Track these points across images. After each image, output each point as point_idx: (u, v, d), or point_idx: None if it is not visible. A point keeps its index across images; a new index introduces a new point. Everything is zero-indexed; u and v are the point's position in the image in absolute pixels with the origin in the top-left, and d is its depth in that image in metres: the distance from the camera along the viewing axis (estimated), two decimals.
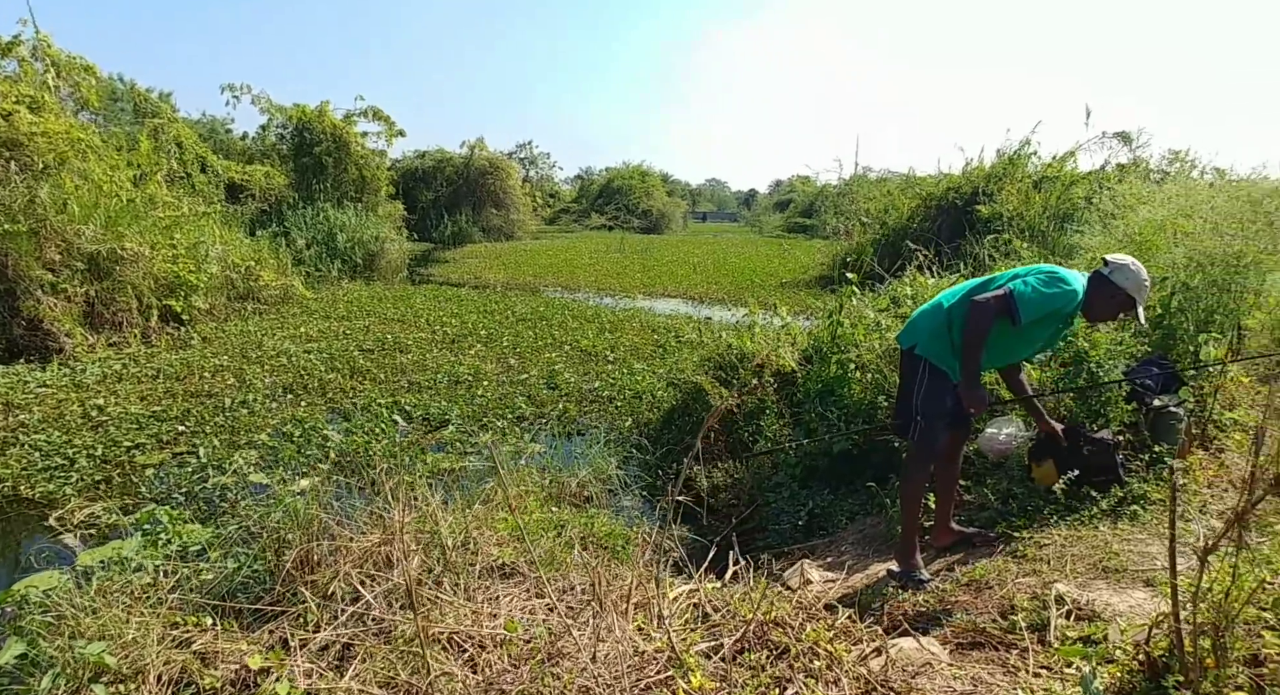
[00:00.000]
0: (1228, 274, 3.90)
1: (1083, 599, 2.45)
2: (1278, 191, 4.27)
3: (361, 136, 19.47)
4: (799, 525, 4.18)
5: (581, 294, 14.77)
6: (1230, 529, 1.44)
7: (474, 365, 7.98)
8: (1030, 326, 2.82)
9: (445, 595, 2.63)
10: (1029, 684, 1.99)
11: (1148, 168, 13.29)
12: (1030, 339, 2.98)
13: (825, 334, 4.74)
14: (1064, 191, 11.26)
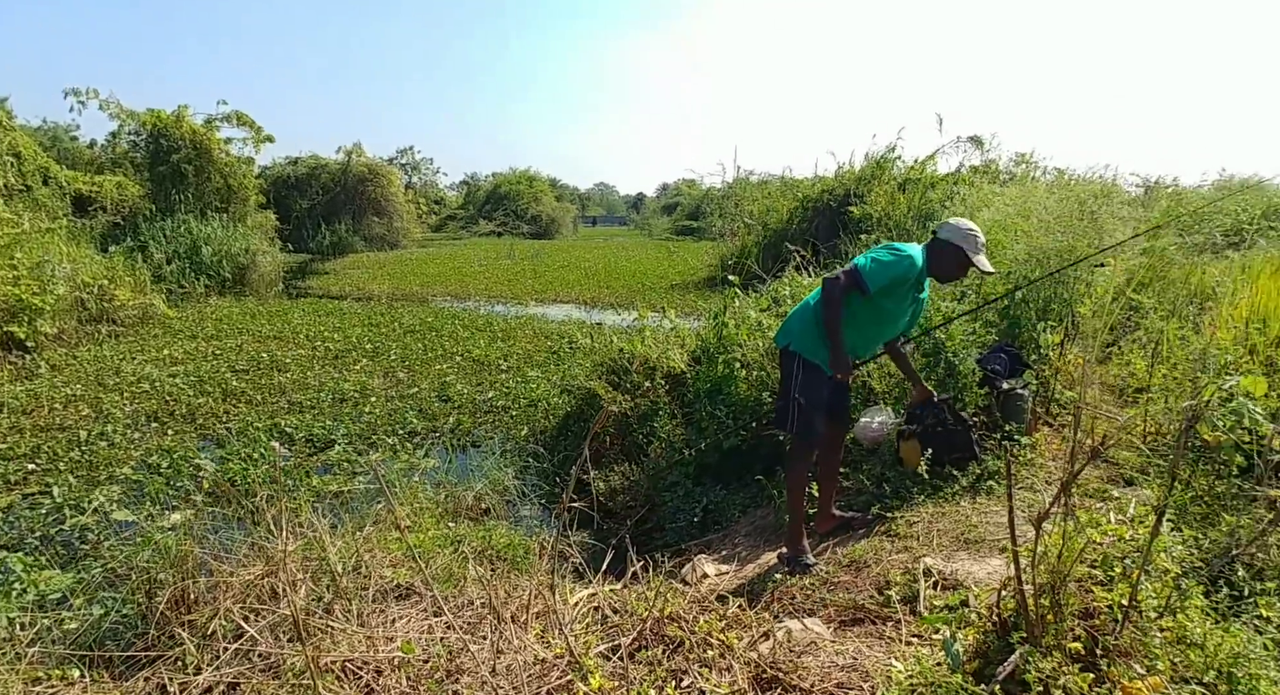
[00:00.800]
0: (1059, 265, 4.34)
1: (947, 570, 2.67)
2: (1101, 192, 4.80)
3: (225, 143, 18.28)
4: (695, 522, 4.31)
5: (472, 302, 14.49)
6: (1058, 498, 1.63)
7: (360, 381, 7.68)
8: (882, 298, 3.04)
9: (337, 623, 2.54)
10: (902, 652, 2.16)
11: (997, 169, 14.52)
12: (890, 313, 3.15)
13: (712, 335, 4.91)
14: (925, 193, 12.13)
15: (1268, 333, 4.01)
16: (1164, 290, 5.48)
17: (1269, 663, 1.87)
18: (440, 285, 16.78)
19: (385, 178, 30.33)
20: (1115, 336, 5.18)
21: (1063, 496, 1.62)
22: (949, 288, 4.75)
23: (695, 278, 16.77)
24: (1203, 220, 9.51)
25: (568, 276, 18.11)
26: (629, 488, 4.76)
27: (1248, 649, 1.82)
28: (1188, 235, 7.87)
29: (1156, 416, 3.64)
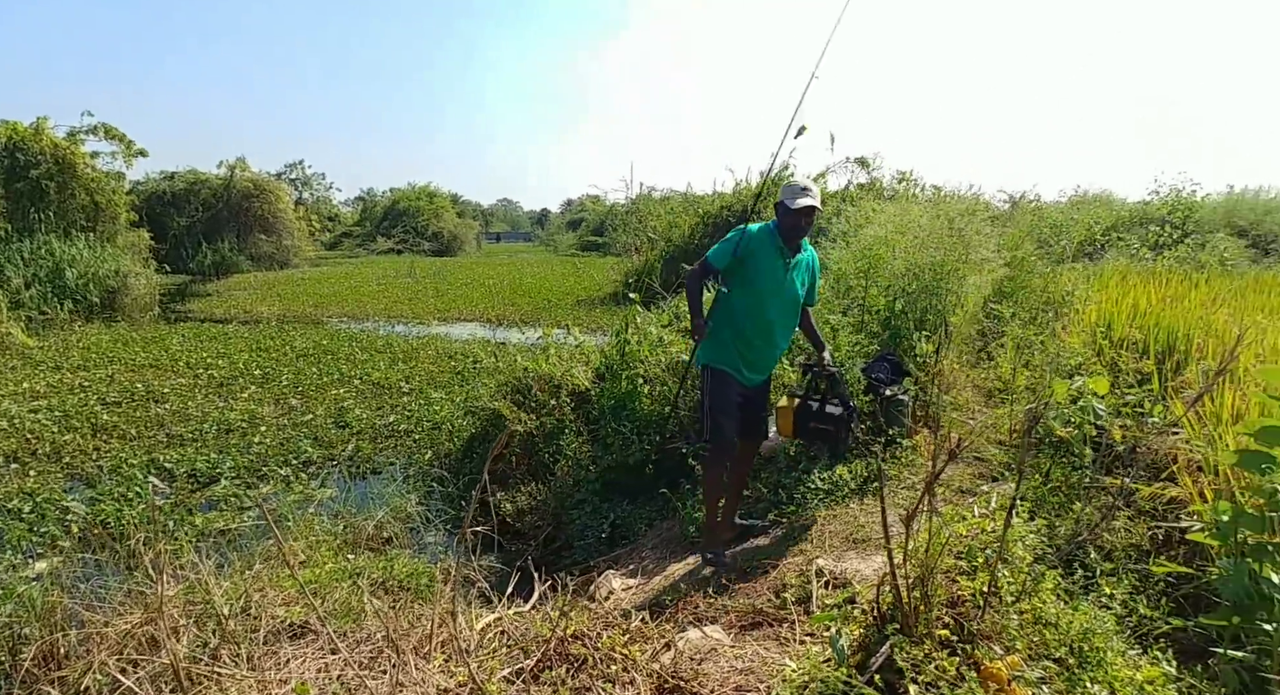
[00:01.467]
0: (935, 280, 4.68)
1: (838, 569, 2.82)
2: (967, 210, 5.21)
3: (91, 157, 16.98)
4: (603, 538, 4.34)
5: (370, 323, 14.02)
6: (923, 497, 1.77)
7: (248, 410, 7.29)
8: (743, 277, 3.18)
9: (225, 669, 2.41)
10: (796, 652, 2.27)
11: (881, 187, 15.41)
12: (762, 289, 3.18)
13: (614, 352, 4.98)
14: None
15: (1112, 336, 4.47)
16: (1026, 298, 5.99)
17: (1115, 635, 2.09)
18: (336, 306, 16.15)
19: (272, 193, 28.97)
20: (987, 342, 5.62)
21: (927, 496, 1.76)
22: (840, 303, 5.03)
23: (601, 293, 16.87)
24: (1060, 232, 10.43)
25: (471, 294, 17.83)
26: (536, 507, 4.75)
27: (1095, 625, 2.03)
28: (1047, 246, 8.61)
29: (1019, 416, 3.97)
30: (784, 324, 3.32)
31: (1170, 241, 10.95)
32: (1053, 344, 4.21)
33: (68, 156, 16.06)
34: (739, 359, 3.28)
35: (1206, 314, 5.03)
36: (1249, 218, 12.21)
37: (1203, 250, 9.94)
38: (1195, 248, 10.23)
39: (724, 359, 3.29)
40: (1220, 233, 11.21)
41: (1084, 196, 15.90)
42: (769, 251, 3.17)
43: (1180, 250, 10.22)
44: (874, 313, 4.70)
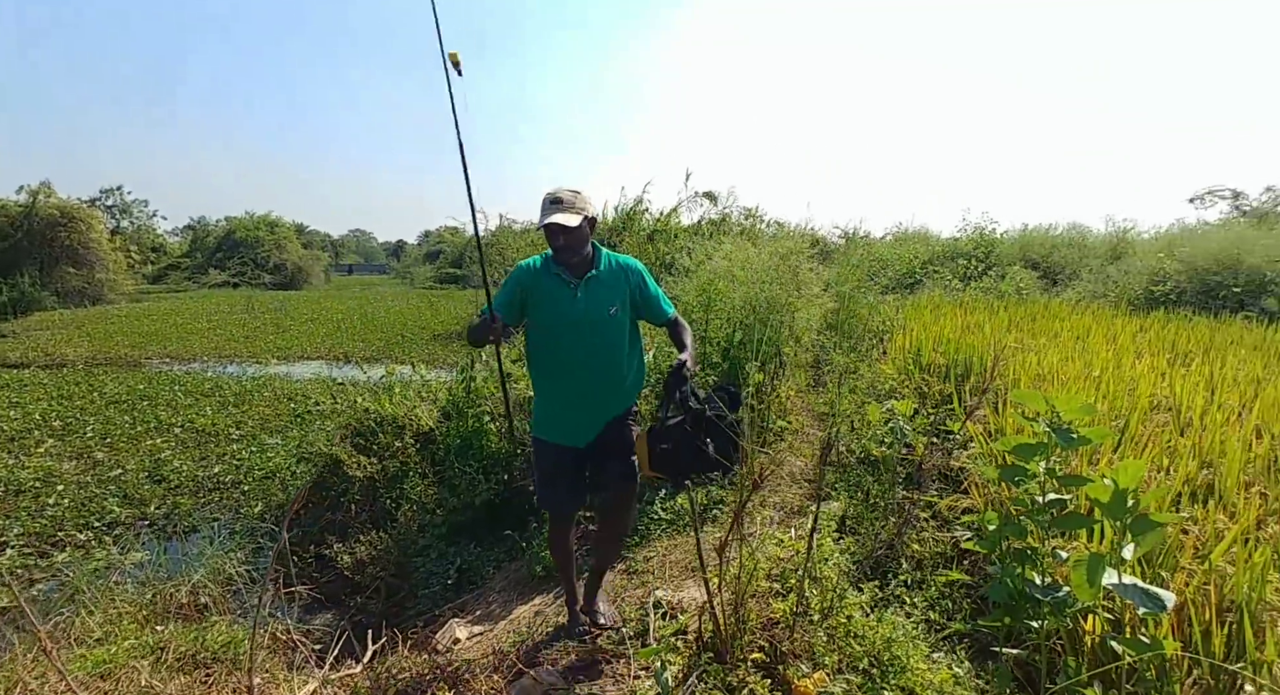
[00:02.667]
0: (769, 313, 4.97)
1: (675, 599, 2.89)
2: (796, 249, 5.59)
3: None
4: (449, 584, 4.18)
5: (198, 364, 12.85)
6: (733, 527, 1.86)
7: (43, 466, 6.44)
8: (530, 312, 2.74)
9: None
10: (632, 688, 2.29)
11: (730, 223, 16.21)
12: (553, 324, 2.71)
13: (460, 389, 4.87)
14: (671, 243, 13.18)
15: (921, 361, 4.93)
16: (853, 328, 6.50)
17: (918, 642, 2.27)
18: (158, 345, 14.67)
19: (83, 222, 26.07)
20: (821, 370, 6.02)
21: (736, 525, 1.85)
22: None
23: (458, 327, 16.47)
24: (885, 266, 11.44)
25: (317, 330, 16.83)
26: (378, 558, 4.50)
27: (896, 633, 2.20)
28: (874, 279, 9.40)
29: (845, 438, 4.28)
30: (602, 356, 2.71)
31: (976, 273, 12.31)
32: (870, 371, 4.59)
33: None
34: (558, 417, 2.78)
35: (1001, 339, 5.69)
36: (1040, 252, 13.94)
37: (1003, 281, 11.24)
38: (996, 279, 11.55)
39: (543, 423, 2.83)
40: (1017, 265, 12.72)
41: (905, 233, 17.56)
42: (549, 281, 2.69)
43: (984, 281, 11.50)
44: (715, 344, 4.91)
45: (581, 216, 2.58)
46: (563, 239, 2.60)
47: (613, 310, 2.70)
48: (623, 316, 2.74)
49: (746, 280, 5.32)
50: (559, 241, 2.61)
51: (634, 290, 2.78)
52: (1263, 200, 19.52)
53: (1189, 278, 10.17)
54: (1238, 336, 6.52)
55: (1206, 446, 3.03)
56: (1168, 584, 2.04)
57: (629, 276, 2.80)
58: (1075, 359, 5.05)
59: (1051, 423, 1.84)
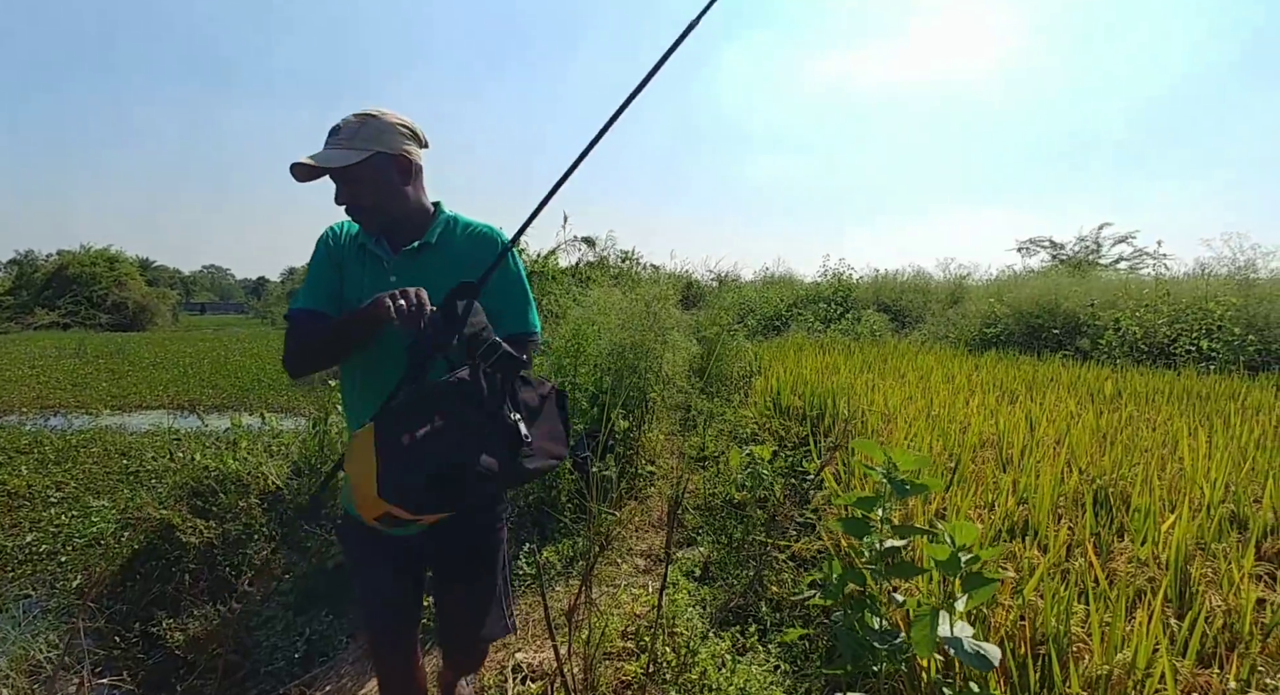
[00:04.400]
0: (635, 358, 5.04)
1: (536, 661, 2.79)
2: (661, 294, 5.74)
3: None
4: (296, 658, 3.85)
5: (15, 416, 11.37)
6: (580, 591, 1.84)
7: None
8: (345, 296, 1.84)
9: None
10: None
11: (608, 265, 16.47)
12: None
13: (313, 442, 4.58)
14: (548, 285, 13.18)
15: (780, 403, 5.15)
16: (721, 370, 6.71)
17: (774, 689, 2.31)
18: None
19: None
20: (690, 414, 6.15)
21: (584, 590, 1.83)
22: None
23: (326, 373, 15.57)
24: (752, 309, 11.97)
25: (160, 376, 15.38)
26: (215, 633, 4.08)
27: (750, 685, 2.23)
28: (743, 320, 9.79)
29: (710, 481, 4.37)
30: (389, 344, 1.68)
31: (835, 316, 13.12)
32: (733, 415, 4.73)
33: None
34: None
35: (853, 380, 6.05)
36: (890, 296, 15.09)
37: (858, 323, 12.04)
38: (853, 321, 12.37)
39: (350, 498, 1.81)
40: (871, 308, 13.68)
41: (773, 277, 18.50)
42: (356, 255, 1.79)
43: (843, 323, 12.27)
44: (584, 390, 4.91)
45: (367, 153, 1.64)
46: (345, 194, 1.70)
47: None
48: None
49: (613, 326, 5.38)
50: (342, 196, 1.72)
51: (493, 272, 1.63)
52: (1075, 250, 22.18)
53: (1016, 320, 11.30)
54: (1056, 374, 7.28)
55: (1024, 483, 3.33)
56: (990, 619, 2.19)
57: (483, 252, 1.75)
58: (918, 398, 5.45)
59: (888, 473, 1.96)
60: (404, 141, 1.74)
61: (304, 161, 1.62)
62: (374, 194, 1.71)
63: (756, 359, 6.22)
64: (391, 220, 1.76)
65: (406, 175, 1.75)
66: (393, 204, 1.74)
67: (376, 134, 1.69)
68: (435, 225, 1.80)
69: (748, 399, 5.46)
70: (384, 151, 1.69)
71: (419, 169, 1.79)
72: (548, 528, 3.97)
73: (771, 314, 13.23)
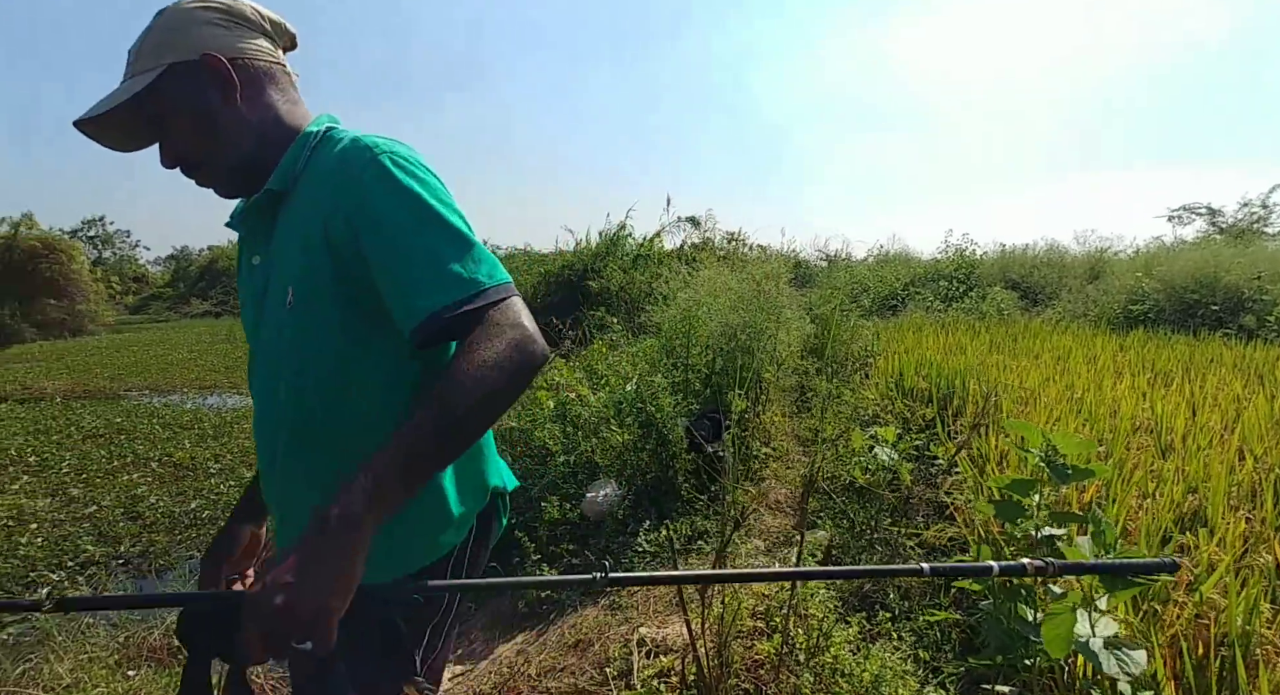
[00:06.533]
0: (748, 339, 4.97)
1: (660, 636, 2.82)
2: (772, 273, 5.61)
3: None
4: None
5: (178, 396, 12.66)
6: (716, 565, 1.82)
7: (15, 504, 6.28)
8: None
9: None
10: None
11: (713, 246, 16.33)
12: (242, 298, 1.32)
13: None
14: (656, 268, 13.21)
15: (902, 385, 4.93)
16: (836, 352, 6.51)
17: (908, 678, 2.22)
18: (137, 377, 14.47)
19: (64, 253, 25.84)
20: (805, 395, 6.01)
21: (718, 564, 1.81)
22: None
23: None
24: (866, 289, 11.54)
25: None
26: None
27: (884, 671, 2.15)
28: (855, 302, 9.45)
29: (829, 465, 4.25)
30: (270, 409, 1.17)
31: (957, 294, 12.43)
32: (853, 396, 4.57)
33: None
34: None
35: (983, 360, 5.71)
36: (1019, 272, 14.10)
37: (983, 302, 11.35)
38: (978, 300, 11.67)
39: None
40: (997, 286, 12.85)
41: (887, 255, 17.73)
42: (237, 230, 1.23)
43: (966, 302, 11.61)
44: (695, 371, 4.89)
45: (155, 71, 1.03)
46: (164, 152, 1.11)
47: (290, 290, 1.06)
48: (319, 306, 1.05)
49: (725, 307, 5.32)
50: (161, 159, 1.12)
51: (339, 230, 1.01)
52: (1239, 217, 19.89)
53: (1167, 296, 10.30)
54: (1217, 355, 6.58)
55: (1191, 471, 3.03)
56: (1161, 617, 2.01)
57: (338, 196, 1.02)
58: (1057, 380, 5.07)
59: (1047, 456, 1.82)
60: (213, 34, 1.05)
61: (83, 117, 1.05)
62: (190, 136, 1.07)
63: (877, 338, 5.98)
64: (241, 171, 1.11)
65: (228, 87, 1.05)
66: (225, 142, 1.08)
67: (165, 37, 1.04)
68: (289, 158, 1.09)
69: (868, 380, 5.26)
70: (179, 61, 1.03)
71: (263, 75, 1.10)
72: (665, 507, 3.99)
73: (886, 293, 12.70)
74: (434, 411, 0.85)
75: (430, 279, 0.94)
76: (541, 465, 4.22)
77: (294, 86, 1.17)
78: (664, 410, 4.08)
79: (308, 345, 1.07)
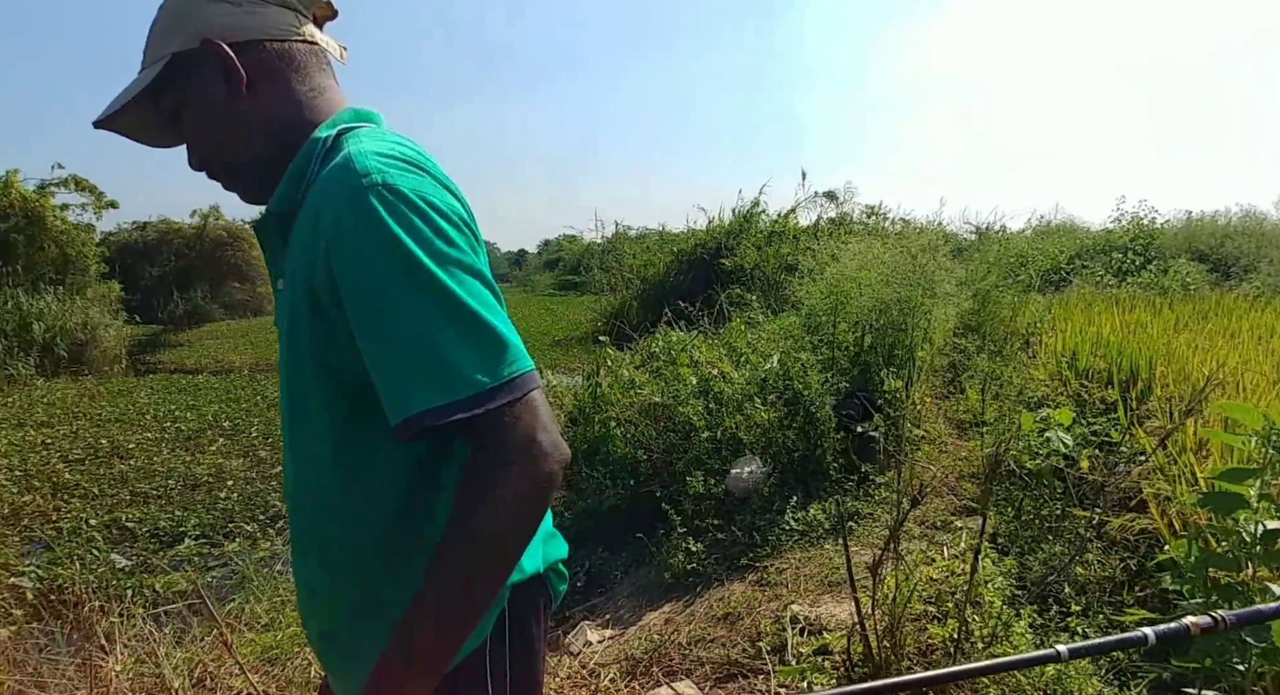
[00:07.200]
0: (901, 315, 4.73)
1: (813, 615, 2.77)
2: (928, 245, 5.29)
3: (61, 210, 16.80)
4: (579, 586, 4.25)
5: None
6: (888, 545, 1.75)
7: (215, 463, 7.13)
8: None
9: None
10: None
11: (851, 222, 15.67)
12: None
13: (586, 396, 4.94)
14: (791, 245, 12.87)
15: (1076, 365, 4.52)
16: (994, 330, 6.07)
17: (1091, 678, 2.06)
18: None
19: (247, 241, 28.85)
20: (957, 374, 5.67)
21: (892, 544, 1.74)
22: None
23: (578, 333, 16.86)
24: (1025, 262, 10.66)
25: None
26: None
27: (1067, 668, 2.00)
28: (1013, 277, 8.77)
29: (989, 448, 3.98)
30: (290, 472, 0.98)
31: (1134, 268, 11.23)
32: (1018, 376, 4.25)
33: (36, 210, 15.88)
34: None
35: (1169, 340, 5.12)
36: (1208, 242, 12.53)
37: (1165, 275, 10.18)
38: (1158, 274, 10.49)
39: None
40: (1182, 258, 11.50)
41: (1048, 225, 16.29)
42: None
43: (1144, 276, 10.47)
44: (843, 349, 4.73)
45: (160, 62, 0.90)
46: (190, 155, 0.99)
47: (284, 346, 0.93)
48: (304, 371, 0.88)
49: (877, 281, 5.08)
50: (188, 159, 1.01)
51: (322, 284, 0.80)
52: None
53: None
54: None
55: None
56: None
57: (318, 239, 0.80)
58: (1261, 361, 4.46)
59: (1270, 440, 1.60)
60: (218, 12, 0.88)
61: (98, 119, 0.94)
62: (200, 136, 0.95)
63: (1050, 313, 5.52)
64: (257, 179, 0.97)
65: (232, 78, 0.88)
66: (234, 144, 0.94)
67: (169, 20, 0.91)
68: (293, 172, 0.90)
69: (1033, 360, 4.87)
70: (182, 50, 0.89)
71: (279, 59, 0.91)
72: (812, 486, 3.90)
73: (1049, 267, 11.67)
74: (433, 593, 0.75)
75: (416, 370, 0.74)
76: (685, 440, 4.25)
77: (324, 68, 0.96)
78: (812, 388, 3.97)
79: (302, 401, 0.90)
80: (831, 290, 5.08)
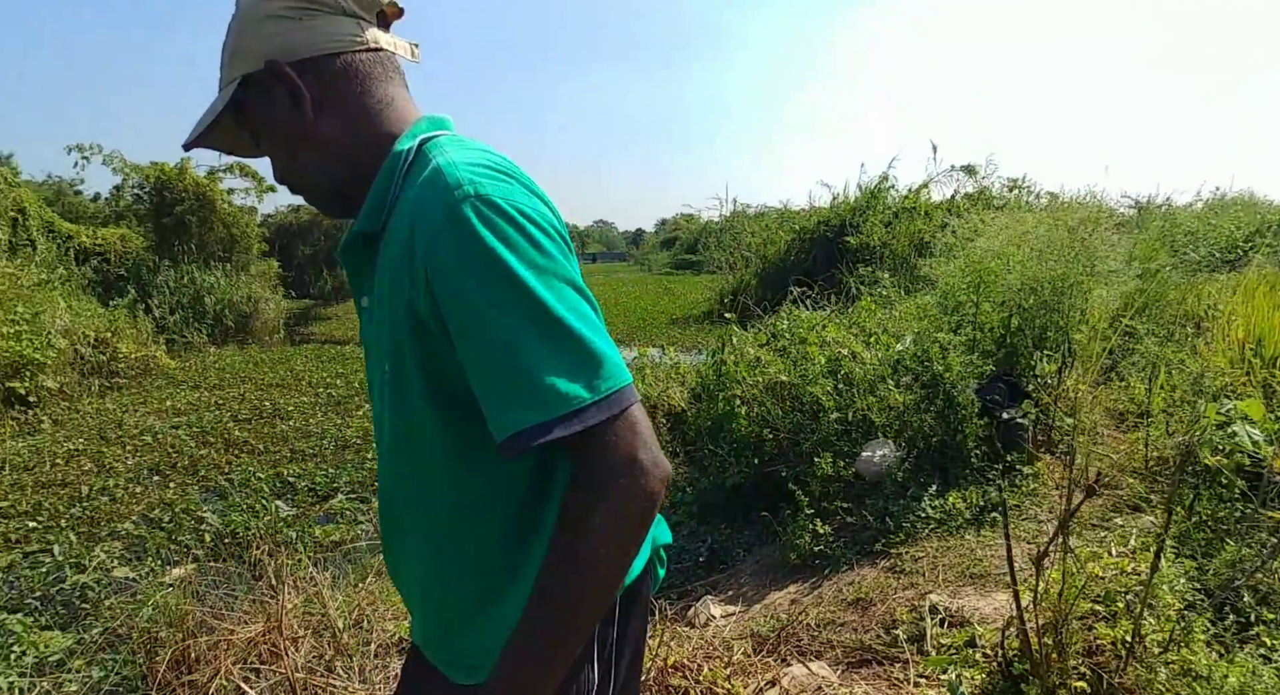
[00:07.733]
0: (1055, 295, 4.37)
1: (954, 606, 2.64)
2: (1090, 217, 4.85)
3: (228, 193, 18.56)
4: (700, 561, 4.27)
5: None
6: (1055, 536, 1.63)
7: (362, 426, 7.69)
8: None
9: (339, 680, 2.52)
10: (910, 694, 2.13)
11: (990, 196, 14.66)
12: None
13: (711, 372, 4.92)
14: (924, 222, 12.22)
15: (1264, 353, 4.02)
16: (1160, 312, 5.51)
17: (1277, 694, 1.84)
18: None
19: None
20: (1114, 360, 5.19)
21: (1061, 535, 1.62)
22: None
23: (695, 312, 16.86)
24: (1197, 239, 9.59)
25: None
26: None
27: (1253, 681, 1.80)
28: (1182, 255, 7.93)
29: (1157, 442, 3.63)
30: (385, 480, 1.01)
31: None
32: (1194, 363, 3.83)
33: (208, 193, 17.62)
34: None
35: None
36: None
37: None
38: None
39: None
40: None
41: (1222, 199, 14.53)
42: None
43: None
44: (987, 330, 4.43)
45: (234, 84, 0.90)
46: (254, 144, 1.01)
47: (386, 366, 0.89)
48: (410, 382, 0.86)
49: (1023, 258, 4.72)
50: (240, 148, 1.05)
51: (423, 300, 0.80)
52: None
53: None
54: None
55: None
56: None
57: (415, 256, 0.80)
58: None
59: None
60: (277, 31, 0.87)
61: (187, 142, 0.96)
62: (277, 157, 0.97)
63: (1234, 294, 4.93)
64: (337, 198, 0.98)
65: (298, 99, 0.89)
66: (309, 165, 0.95)
67: (235, 42, 0.91)
68: (378, 189, 0.89)
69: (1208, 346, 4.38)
70: (249, 72, 0.89)
71: (342, 73, 0.90)
72: (951, 473, 3.71)
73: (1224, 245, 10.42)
74: (542, 614, 0.76)
75: (515, 388, 0.75)
76: (813, 420, 4.15)
77: (391, 76, 0.94)
78: (953, 370, 3.76)
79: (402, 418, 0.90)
80: (973, 268, 4.77)
